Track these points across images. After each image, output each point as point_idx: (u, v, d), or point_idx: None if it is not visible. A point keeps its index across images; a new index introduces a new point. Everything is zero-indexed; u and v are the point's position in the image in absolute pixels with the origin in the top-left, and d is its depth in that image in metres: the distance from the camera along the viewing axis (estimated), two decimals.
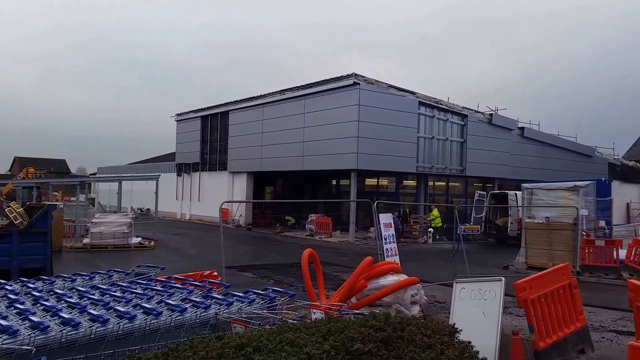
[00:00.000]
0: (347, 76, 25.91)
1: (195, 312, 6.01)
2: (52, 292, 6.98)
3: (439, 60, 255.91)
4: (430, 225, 26.31)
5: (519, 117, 34.60)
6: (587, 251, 14.79)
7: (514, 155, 31.88)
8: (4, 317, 5.46)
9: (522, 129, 33.20)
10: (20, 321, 5.32)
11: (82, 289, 7.15)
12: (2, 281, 7.71)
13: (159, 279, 8.09)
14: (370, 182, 33.84)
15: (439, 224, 26.34)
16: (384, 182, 33.36)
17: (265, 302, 6.56)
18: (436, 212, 26.60)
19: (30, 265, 11.83)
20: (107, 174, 54.00)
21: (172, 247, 21.69)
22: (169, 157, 46.72)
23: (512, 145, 32.03)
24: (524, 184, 18.07)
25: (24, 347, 4.67)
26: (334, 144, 26.14)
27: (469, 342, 4.46)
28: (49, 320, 5.37)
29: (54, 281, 8.08)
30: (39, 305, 6.14)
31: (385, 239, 11.43)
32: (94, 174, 63.05)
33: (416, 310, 7.94)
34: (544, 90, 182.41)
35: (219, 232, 10.59)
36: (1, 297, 6.74)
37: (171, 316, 5.79)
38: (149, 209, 39.71)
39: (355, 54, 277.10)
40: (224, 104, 37.10)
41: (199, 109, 39.94)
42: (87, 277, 8.37)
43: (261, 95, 33.09)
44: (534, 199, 17.09)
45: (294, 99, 29.71)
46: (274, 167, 31.38)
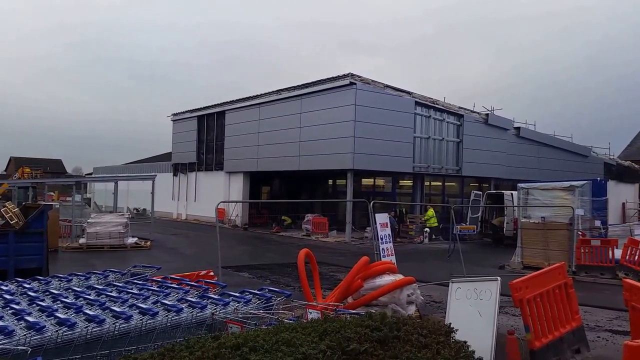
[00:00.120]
0: (344, 76, 25.92)
1: (191, 312, 6.00)
2: (48, 293, 6.97)
3: (436, 60, 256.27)
4: (425, 225, 26.33)
5: (517, 116, 34.78)
6: (582, 251, 14.82)
7: (510, 155, 31.93)
8: (0, 318, 5.45)
9: (518, 129, 33.27)
10: (16, 321, 5.30)
11: (78, 289, 7.13)
12: None
13: (155, 279, 8.08)
14: (366, 182, 33.86)
15: (435, 224, 26.34)
16: (380, 182, 33.40)
17: (261, 302, 6.56)
18: (431, 212, 26.60)
19: (26, 265, 11.78)
20: (103, 174, 53.87)
21: (168, 247, 21.66)
22: (165, 157, 46.63)
23: (508, 145, 32.09)
24: (519, 184, 18.11)
25: (19, 348, 4.66)
26: (330, 144, 26.15)
27: (465, 342, 4.47)
28: (45, 320, 5.35)
29: (50, 281, 8.06)
30: (34, 305, 6.12)
31: (381, 239, 11.45)
32: (90, 174, 62.87)
33: (412, 310, 7.95)
34: (541, 90, 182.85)
35: (215, 232, 10.60)
36: None
37: (167, 316, 5.79)
38: (145, 209, 39.68)
39: (353, 53, 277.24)
40: (220, 103, 37.08)
41: (195, 109, 39.90)
42: (83, 278, 8.35)
43: (257, 95, 33.09)
44: (529, 199, 17.13)
45: (291, 98, 29.71)
46: (270, 167, 31.37)
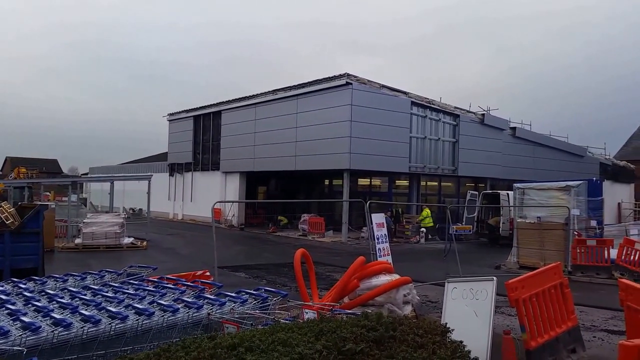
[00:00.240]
0: (340, 76, 25.92)
1: (187, 313, 6.00)
2: (43, 293, 6.95)
3: (436, 59, 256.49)
4: (421, 225, 26.35)
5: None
6: (578, 251, 14.85)
7: (506, 155, 31.99)
8: None
9: (513, 129, 33.32)
10: (11, 322, 5.29)
11: (74, 290, 7.12)
12: None
13: (151, 279, 8.07)
14: (362, 182, 33.87)
15: (430, 224, 26.34)
16: (376, 182, 33.40)
17: (257, 302, 6.55)
18: (426, 212, 26.57)
19: (21, 265, 11.77)
20: (99, 174, 53.77)
21: (164, 247, 21.63)
22: (162, 157, 46.57)
23: (504, 145, 32.14)
24: (515, 184, 18.13)
25: (15, 348, 4.65)
26: (327, 144, 26.14)
27: (461, 342, 4.48)
28: (41, 320, 5.34)
29: (46, 281, 8.05)
30: (30, 305, 6.11)
31: (377, 239, 11.46)
32: (86, 174, 62.76)
33: (408, 310, 7.95)
34: (540, 89, 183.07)
35: (211, 232, 10.59)
36: None
37: (163, 317, 5.78)
38: (141, 209, 39.60)
39: (353, 53, 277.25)
40: (216, 103, 37.03)
41: (191, 109, 39.83)
42: (78, 278, 8.34)
43: (254, 95, 33.06)
44: (525, 199, 17.16)
45: (287, 98, 29.69)
46: (266, 167, 31.34)
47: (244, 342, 4.03)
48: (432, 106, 28.79)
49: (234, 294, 6.75)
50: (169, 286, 7.37)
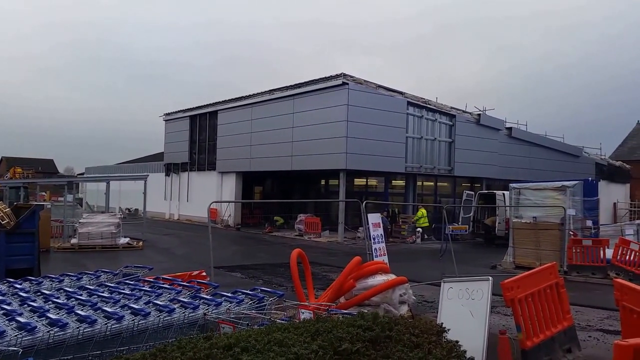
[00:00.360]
0: (336, 76, 25.94)
1: (183, 313, 5.99)
2: (39, 293, 6.93)
3: (436, 59, 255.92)
4: (416, 225, 26.37)
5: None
6: (574, 251, 14.90)
7: (502, 155, 32.06)
8: None
9: (509, 129, 33.42)
10: (7, 322, 5.27)
11: (70, 290, 7.10)
12: None
13: (147, 279, 8.06)
14: (359, 182, 33.90)
15: (425, 224, 26.35)
16: (372, 182, 33.44)
17: (253, 303, 6.55)
18: (422, 212, 26.57)
19: (17, 265, 11.71)
20: (95, 173, 53.66)
21: (160, 247, 21.59)
22: (158, 157, 46.48)
23: (499, 145, 32.22)
24: (511, 184, 18.19)
25: (10, 349, 4.64)
26: (323, 144, 26.16)
27: (457, 342, 4.49)
28: (36, 321, 5.33)
29: (42, 282, 8.02)
30: (26, 306, 6.09)
31: (373, 239, 11.46)
32: (82, 174, 62.61)
33: (404, 309, 7.96)
34: (539, 89, 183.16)
35: (207, 232, 10.58)
36: None
37: (159, 317, 5.77)
38: (137, 209, 39.56)
39: (352, 53, 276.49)
40: (213, 103, 37.01)
41: (188, 109, 39.80)
42: (74, 278, 8.31)
43: (250, 95, 33.07)
44: (521, 199, 17.20)
45: (283, 98, 29.70)
46: (262, 167, 31.34)
47: (239, 342, 4.03)
48: (428, 106, 28.83)
49: (230, 294, 6.75)
50: (165, 286, 7.36)
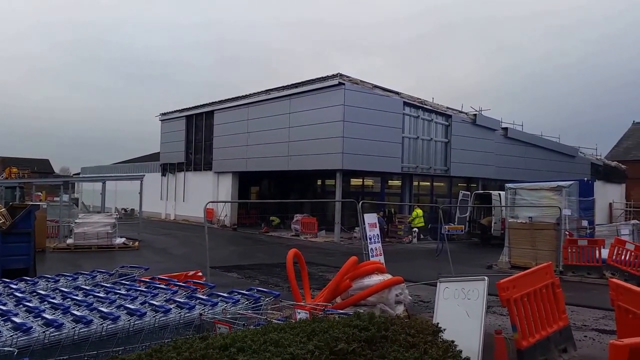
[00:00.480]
0: (332, 76, 25.94)
1: (179, 313, 5.98)
2: (35, 293, 6.92)
3: (436, 59, 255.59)
4: (411, 225, 26.38)
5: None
6: (570, 251, 14.93)
7: (498, 155, 32.11)
8: None
9: (505, 129, 33.45)
10: (2, 322, 5.26)
11: (66, 290, 7.09)
12: None
13: (143, 279, 8.05)
14: (355, 182, 33.90)
15: (421, 224, 26.34)
16: (369, 182, 33.44)
17: (250, 303, 6.54)
18: (416, 212, 26.54)
19: (13, 265, 11.69)
20: (91, 174, 53.57)
21: (156, 247, 21.56)
22: (154, 157, 46.42)
23: (495, 145, 32.27)
24: (507, 184, 18.22)
25: (6, 349, 4.63)
26: (319, 144, 26.16)
27: (453, 342, 4.50)
28: (32, 321, 5.32)
29: (37, 282, 8.01)
30: (21, 306, 6.08)
31: (370, 239, 11.47)
32: (78, 174, 62.47)
33: (400, 309, 7.97)
34: (538, 89, 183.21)
35: (203, 232, 10.57)
36: None
37: (155, 317, 5.76)
38: (133, 209, 39.44)
39: (351, 53, 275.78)
40: (209, 103, 36.96)
41: (184, 109, 39.74)
42: (70, 278, 8.30)
43: (246, 95, 33.04)
44: (517, 199, 17.23)
45: (280, 98, 29.69)
46: (259, 167, 31.32)
47: (235, 343, 4.03)
48: (425, 106, 28.86)
49: (226, 295, 6.74)
50: (161, 287, 7.35)
